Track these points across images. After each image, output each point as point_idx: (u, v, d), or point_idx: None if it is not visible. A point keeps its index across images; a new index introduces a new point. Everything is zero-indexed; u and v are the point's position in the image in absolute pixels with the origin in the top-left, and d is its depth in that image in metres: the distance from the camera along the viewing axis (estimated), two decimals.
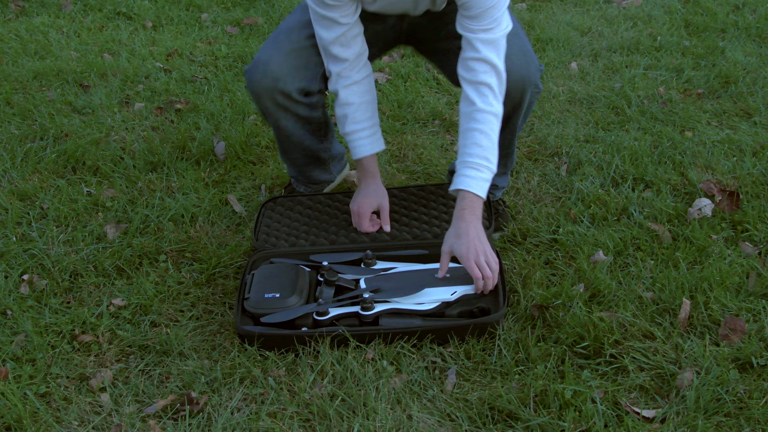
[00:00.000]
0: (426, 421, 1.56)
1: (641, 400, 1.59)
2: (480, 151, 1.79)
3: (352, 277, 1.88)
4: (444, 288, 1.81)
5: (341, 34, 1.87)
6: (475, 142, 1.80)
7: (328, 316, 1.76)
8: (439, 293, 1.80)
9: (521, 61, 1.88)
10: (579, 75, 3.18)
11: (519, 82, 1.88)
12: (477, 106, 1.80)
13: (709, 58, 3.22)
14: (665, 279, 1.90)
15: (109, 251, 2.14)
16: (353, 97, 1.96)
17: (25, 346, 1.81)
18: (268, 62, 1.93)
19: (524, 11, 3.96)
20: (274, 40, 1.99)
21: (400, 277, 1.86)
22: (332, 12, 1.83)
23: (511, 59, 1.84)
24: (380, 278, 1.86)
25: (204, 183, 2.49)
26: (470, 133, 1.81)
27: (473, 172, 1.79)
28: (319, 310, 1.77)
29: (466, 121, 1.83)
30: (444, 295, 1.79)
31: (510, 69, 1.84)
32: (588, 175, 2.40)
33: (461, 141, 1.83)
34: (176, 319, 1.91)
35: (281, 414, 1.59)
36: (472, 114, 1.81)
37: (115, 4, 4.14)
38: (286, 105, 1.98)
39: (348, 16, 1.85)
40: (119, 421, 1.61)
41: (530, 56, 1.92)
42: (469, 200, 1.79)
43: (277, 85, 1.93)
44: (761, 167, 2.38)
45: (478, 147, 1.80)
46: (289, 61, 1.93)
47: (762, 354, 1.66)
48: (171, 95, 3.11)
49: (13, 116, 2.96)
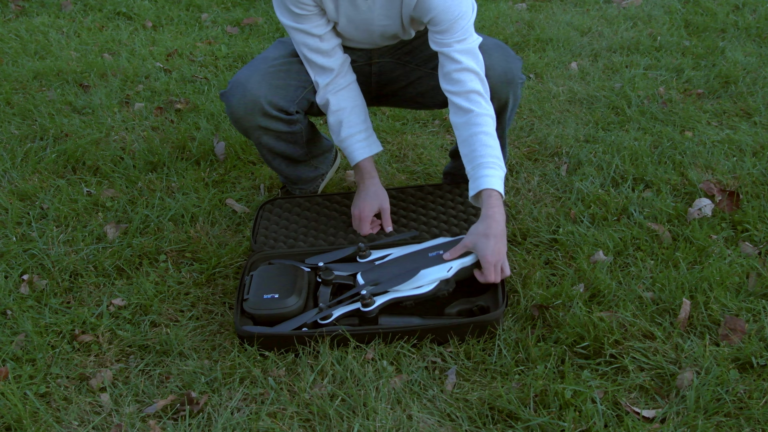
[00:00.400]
0: (426, 421, 1.56)
1: (641, 400, 1.59)
2: (491, 151, 1.82)
3: (348, 273, 1.89)
4: (439, 266, 1.81)
5: (319, 44, 1.93)
6: (483, 144, 1.82)
7: (331, 319, 1.77)
8: (436, 272, 1.80)
9: (500, 56, 1.92)
10: (579, 75, 3.18)
11: (502, 77, 1.92)
12: (474, 112, 1.84)
13: (709, 58, 3.22)
14: (665, 279, 1.90)
15: (109, 251, 2.14)
16: (344, 101, 2.00)
17: (25, 346, 1.81)
18: (246, 82, 1.94)
19: (524, 11, 3.95)
20: (250, 65, 2.01)
21: (395, 264, 1.86)
22: (303, 23, 1.90)
23: (491, 56, 1.89)
24: (376, 270, 1.86)
25: (204, 183, 2.49)
26: (475, 137, 1.83)
27: (492, 171, 1.81)
28: (322, 315, 1.77)
29: (466, 128, 1.85)
30: (441, 273, 1.79)
31: (491, 65, 1.88)
32: (588, 175, 2.40)
33: (468, 147, 1.85)
34: (176, 319, 1.91)
35: (281, 414, 1.59)
36: (470, 120, 1.84)
37: (115, 4, 4.14)
38: (266, 124, 1.99)
39: (320, 27, 1.92)
40: (119, 421, 1.61)
41: (507, 50, 1.96)
42: (496, 198, 1.80)
43: (256, 103, 1.94)
44: (761, 167, 2.37)
45: (487, 147, 1.82)
46: (267, 80, 1.95)
47: (762, 354, 1.66)
48: (171, 95, 3.11)
49: (13, 116, 2.96)
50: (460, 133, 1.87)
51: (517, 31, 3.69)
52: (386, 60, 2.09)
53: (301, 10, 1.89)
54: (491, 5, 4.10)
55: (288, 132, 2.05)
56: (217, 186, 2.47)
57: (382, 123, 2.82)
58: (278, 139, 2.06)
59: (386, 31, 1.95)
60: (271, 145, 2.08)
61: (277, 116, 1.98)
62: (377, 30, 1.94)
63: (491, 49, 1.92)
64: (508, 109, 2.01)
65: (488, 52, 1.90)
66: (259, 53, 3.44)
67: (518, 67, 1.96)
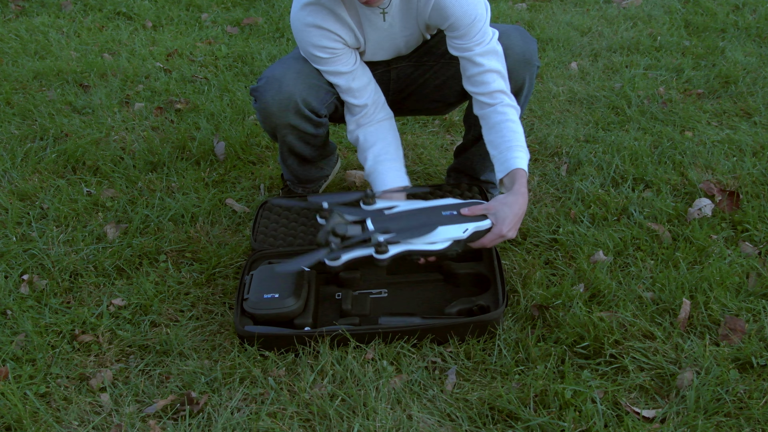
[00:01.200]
0: (426, 421, 1.56)
1: (641, 400, 1.59)
2: (519, 137, 1.88)
3: (356, 217, 1.80)
4: (456, 226, 1.77)
5: (350, 84, 1.94)
6: (511, 130, 1.88)
7: (340, 261, 1.70)
8: (452, 231, 1.76)
9: (518, 37, 1.95)
10: (579, 75, 3.18)
11: (521, 57, 1.94)
12: (501, 103, 1.89)
13: (709, 58, 3.22)
14: (665, 279, 1.90)
15: (109, 251, 2.14)
16: (373, 136, 1.99)
17: (25, 346, 1.81)
18: (282, 78, 1.91)
19: (524, 11, 3.96)
20: (283, 62, 1.98)
21: (408, 216, 1.80)
22: (331, 66, 1.91)
23: (509, 37, 1.92)
24: (388, 219, 1.79)
25: (204, 183, 2.49)
26: (503, 124, 1.88)
27: (521, 154, 1.85)
28: (331, 256, 1.69)
29: (493, 116, 1.90)
30: (457, 233, 1.76)
31: (510, 46, 1.91)
32: (588, 175, 2.40)
33: (496, 133, 1.89)
34: (176, 319, 1.91)
35: (281, 414, 1.59)
36: (496, 109, 1.89)
37: (115, 4, 4.14)
38: (297, 123, 1.96)
39: (348, 63, 1.92)
40: (119, 421, 1.61)
41: (524, 32, 1.99)
42: (525, 178, 1.84)
43: (291, 100, 1.91)
44: (761, 167, 2.38)
45: (515, 134, 1.87)
46: (302, 78, 1.93)
47: (762, 354, 1.66)
48: (171, 95, 3.11)
49: (13, 116, 2.96)
50: (487, 121, 1.91)
51: None
52: (404, 64, 2.09)
53: (327, 54, 1.89)
54: (491, 5, 4.10)
55: (312, 134, 2.03)
56: (217, 186, 2.47)
57: None
58: (301, 139, 2.04)
59: (410, 41, 1.97)
60: (293, 144, 2.05)
61: (308, 116, 1.96)
62: (401, 43, 1.96)
63: (509, 31, 1.94)
64: (523, 93, 2.01)
65: (506, 34, 1.92)
66: (258, 53, 3.45)
67: (535, 49, 1.98)
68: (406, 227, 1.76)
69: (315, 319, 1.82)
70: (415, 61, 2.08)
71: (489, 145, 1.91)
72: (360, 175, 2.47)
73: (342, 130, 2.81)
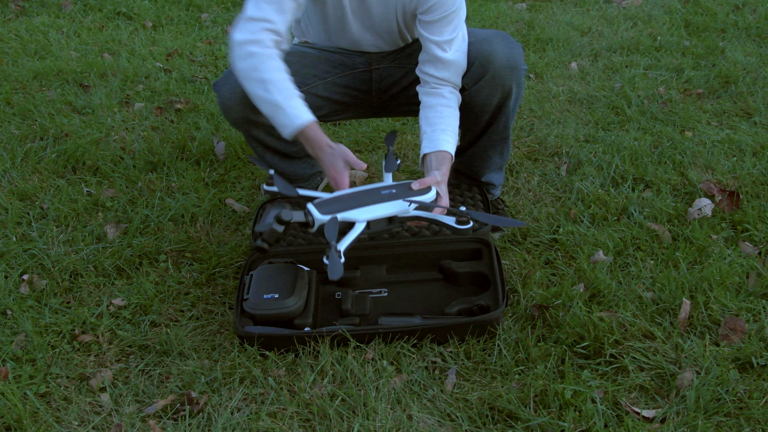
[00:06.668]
0: (426, 421, 1.56)
1: (641, 400, 1.59)
2: (454, 123, 1.91)
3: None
4: (395, 201, 1.78)
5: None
6: (450, 116, 1.93)
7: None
8: (391, 207, 1.77)
9: (502, 43, 1.93)
10: (579, 75, 3.18)
11: (506, 63, 1.92)
12: (448, 90, 1.93)
13: (709, 58, 3.22)
14: (665, 279, 1.90)
15: (109, 251, 2.14)
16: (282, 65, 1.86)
17: (25, 346, 1.81)
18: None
19: (524, 11, 3.96)
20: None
21: (348, 198, 1.78)
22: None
23: (492, 43, 1.91)
24: (329, 201, 1.77)
25: (204, 183, 2.49)
26: (444, 107, 1.92)
27: (451, 139, 1.89)
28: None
29: (434, 98, 1.93)
30: (399, 208, 1.76)
31: (494, 52, 1.90)
32: (588, 175, 2.40)
33: (434, 112, 1.92)
34: (176, 319, 1.91)
35: (281, 414, 1.59)
36: (442, 92, 1.92)
37: (115, 4, 4.14)
38: (256, 117, 1.91)
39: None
40: (119, 421, 1.61)
41: (508, 37, 1.98)
42: (449, 162, 1.89)
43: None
44: (761, 167, 2.38)
45: (453, 120, 1.92)
46: None
47: (762, 354, 1.66)
48: (171, 95, 3.11)
49: (13, 116, 2.96)
50: (428, 99, 1.93)
51: (517, 31, 3.69)
52: (386, 65, 2.09)
53: None
54: (491, 5, 4.10)
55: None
56: (217, 186, 2.47)
57: (382, 123, 2.82)
58: (268, 133, 2.01)
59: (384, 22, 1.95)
60: (261, 138, 2.04)
61: None
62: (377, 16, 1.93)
63: (492, 37, 1.93)
64: (511, 99, 1.98)
65: (489, 40, 1.91)
66: None
67: (520, 54, 1.95)
68: (347, 208, 1.76)
69: (315, 319, 1.82)
70: (397, 64, 2.09)
71: (423, 121, 1.92)
72: (360, 175, 2.47)
73: (341, 129, 2.81)
